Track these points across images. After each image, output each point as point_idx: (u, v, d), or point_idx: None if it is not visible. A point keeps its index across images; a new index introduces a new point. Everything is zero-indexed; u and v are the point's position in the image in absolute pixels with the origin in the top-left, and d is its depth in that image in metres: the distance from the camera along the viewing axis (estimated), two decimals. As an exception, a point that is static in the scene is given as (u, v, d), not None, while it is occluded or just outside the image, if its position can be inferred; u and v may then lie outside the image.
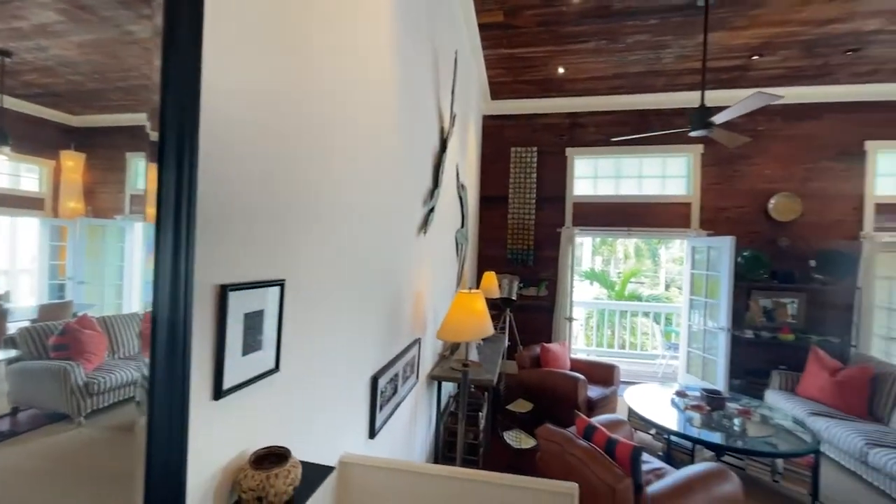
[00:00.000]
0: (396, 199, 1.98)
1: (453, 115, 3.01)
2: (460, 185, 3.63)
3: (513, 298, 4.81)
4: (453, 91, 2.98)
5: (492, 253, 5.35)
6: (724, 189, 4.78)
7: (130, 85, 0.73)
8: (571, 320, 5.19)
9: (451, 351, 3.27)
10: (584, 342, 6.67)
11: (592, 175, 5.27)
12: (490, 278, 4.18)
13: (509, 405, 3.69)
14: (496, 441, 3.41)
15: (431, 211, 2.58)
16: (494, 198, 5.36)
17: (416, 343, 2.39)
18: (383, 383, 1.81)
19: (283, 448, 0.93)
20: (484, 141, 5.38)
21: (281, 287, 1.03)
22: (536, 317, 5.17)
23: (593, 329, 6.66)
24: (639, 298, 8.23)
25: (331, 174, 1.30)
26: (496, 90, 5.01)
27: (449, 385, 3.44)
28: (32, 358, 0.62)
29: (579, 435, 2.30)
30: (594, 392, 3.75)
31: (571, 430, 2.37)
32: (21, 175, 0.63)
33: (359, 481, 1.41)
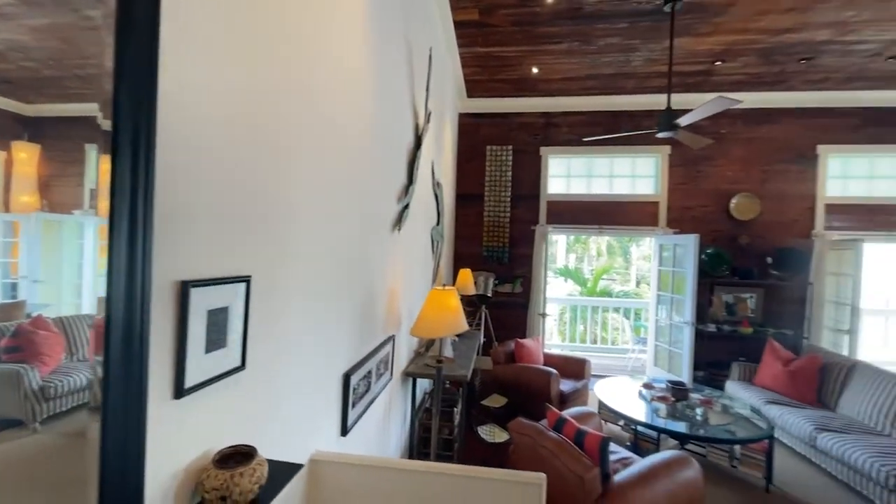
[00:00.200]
0: (369, 196, 1.97)
1: (428, 112, 3.01)
2: (436, 183, 3.64)
3: (488, 295, 4.87)
4: (428, 88, 2.98)
5: (468, 250, 5.39)
6: (690, 189, 4.99)
7: (88, 73, 0.70)
8: (545, 316, 5.30)
9: (426, 348, 3.28)
10: (558, 338, 6.82)
11: (566, 174, 5.38)
12: (465, 275, 4.21)
13: (484, 400, 3.74)
14: (471, 436, 3.45)
15: (406, 208, 2.58)
16: (470, 196, 5.39)
17: (391, 340, 2.38)
18: (356, 380, 1.80)
19: (249, 447, 0.92)
20: (460, 139, 5.40)
21: (247, 283, 1.01)
22: (511, 313, 5.25)
23: (566, 325, 6.82)
24: (610, 294, 8.48)
25: (300, 169, 1.28)
26: (472, 88, 5.04)
27: (424, 382, 3.46)
28: (-18, 361, 0.59)
29: (550, 427, 2.35)
30: (566, 386, 3.85)
31: (543, 423, 2.43)
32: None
33: (330, 479, 1.40)
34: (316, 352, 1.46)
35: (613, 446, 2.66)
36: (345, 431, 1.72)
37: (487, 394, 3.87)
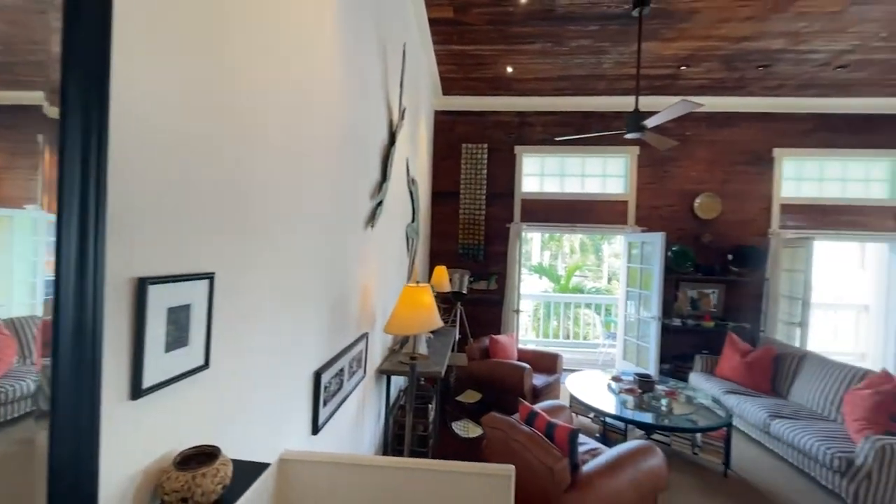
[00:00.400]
0: (340, 192, 1.95)
1: (402, 109, 3.00)
2: (411, 180, 3.63)
3: (463, 292, 4.90)
4: (402, 84, 2.96)
5: (443, 248, 5.40)
6: (657, 189, 5.17)
7: (40, 60, 0.66)
8: (519, 313, 5.38)
9: (401, 345, 3.28)
10: (532, 333, 6.94)
11: (539, 173, 5.47)
12: (441, 272, 4.22)
13: (459, 396, 3.78)
14: (445, 432, 3.47)
15: (380, 205, 2.57)
16: (446, 193, 5.41)
17: (364, 338, 2.37)
18: (327, 378, 1.78)
19: (213, 447, 0.90)
20: (436, 136, 5.40)
21: (210, 281, 0.98)
22: (486, 310, 5.31)
23: (540, 321, 6.95)
24: (582, 291, 8.69)
25: (266, 164, 1.25)
26: (447, 86, 5.04)
27: (400, 379, 3.45)
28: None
29: (522, 421, 2.40)
30: (539, 380, 3.93)
31: (515, 417, 2.48)
32: None
33: (301, 478, 1.38)
34: (285, 350, 1.44)
35: (583, 437, 2.75)
36: (316, 430, 1.70)
37: (462, 390, 3.91)
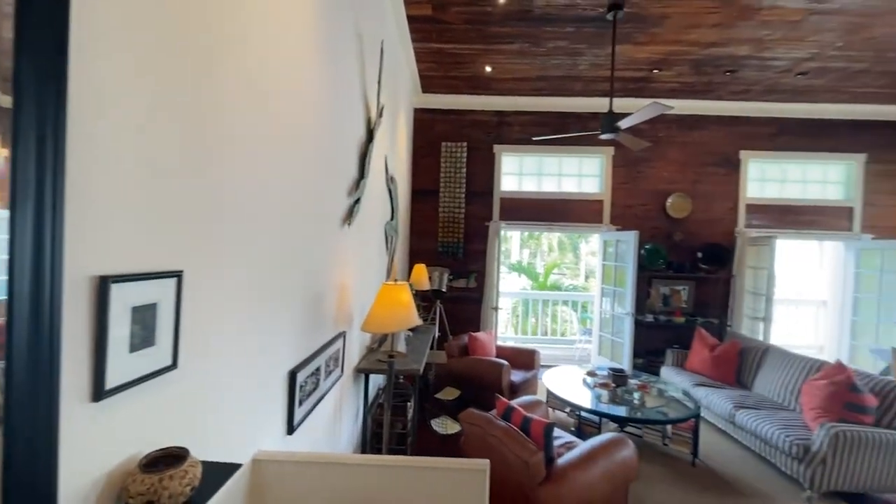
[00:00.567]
0: (316, 189, 1.93)
1: (381, 106, 2.98)
2: (390, 178, 3.61)
3: (443, 290, 4.92)
4: (380, 81, 2.94)
5: (423, 246, 5.40)
6: (631, 188, 5.32)
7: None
8: (498, 310, 5.44)
9: (380, 343, 3.27)
10: (511, 330, 7.03)
11: (518, 172, 5.54)
12: (420, 271, 4.22)
13: (438, 394, 3.79)
14: (424, 429, 3.48)
15: (357, 202, 2.55)
16: (426, 191, 5.41)
17: (341, 336, 2.35)
18: (303, 378, 1.76)
19: (181, 448, 0.88)
20: (416, 134, 5.39)
21: (178, 279, 0.96)
22: (466, 307, 5.34)
23: (519, 318, 7.04)
24: (559, 288, 8.85)
25: (237, 160, 1.23)
26: (427, 84, 5.04)
27: (379, 378, 3.44)
28: None
29: (499, 416, 2.44)
30: (517, 376, 3.99)
31: (492, 413, 2.51)
32: None
33: (275, 478, 1.37)
34: (258, 349, 1.42)
35: (558, 431, 2.81)
36: (291, 430, 1.68)
37: (442, 387, 3.92)
